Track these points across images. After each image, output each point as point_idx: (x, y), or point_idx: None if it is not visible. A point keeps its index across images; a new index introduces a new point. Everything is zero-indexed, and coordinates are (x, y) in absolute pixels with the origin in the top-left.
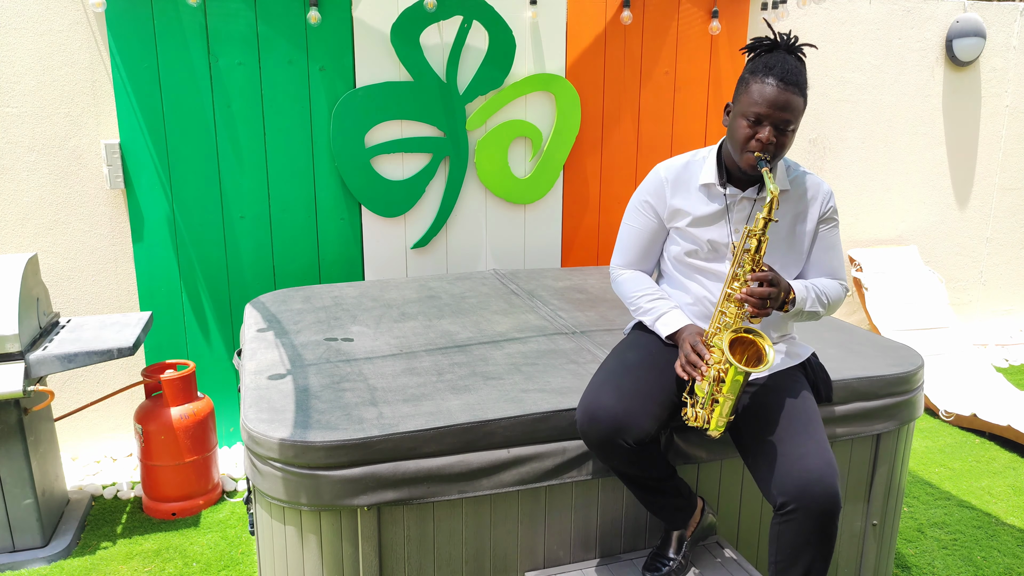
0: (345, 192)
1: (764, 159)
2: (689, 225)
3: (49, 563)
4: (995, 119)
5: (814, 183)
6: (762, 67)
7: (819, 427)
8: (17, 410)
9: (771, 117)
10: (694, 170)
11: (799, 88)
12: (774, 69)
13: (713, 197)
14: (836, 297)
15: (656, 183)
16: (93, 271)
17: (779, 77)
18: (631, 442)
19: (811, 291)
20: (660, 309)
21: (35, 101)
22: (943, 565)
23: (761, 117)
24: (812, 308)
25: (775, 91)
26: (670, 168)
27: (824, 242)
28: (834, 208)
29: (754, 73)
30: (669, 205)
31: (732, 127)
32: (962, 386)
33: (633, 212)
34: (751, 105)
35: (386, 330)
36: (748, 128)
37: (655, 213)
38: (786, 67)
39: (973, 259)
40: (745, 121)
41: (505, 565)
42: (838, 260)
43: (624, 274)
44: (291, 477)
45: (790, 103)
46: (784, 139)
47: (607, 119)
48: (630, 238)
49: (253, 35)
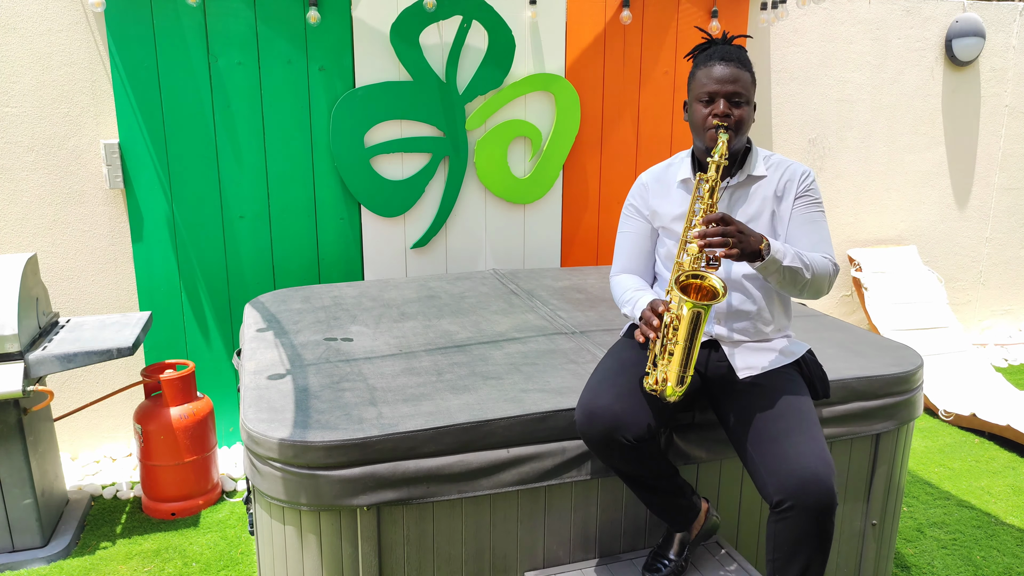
0: (344, 192)
1: (722, 125)
2: (671, 222)
3: (48, 563)
4: (995, 119)
5: (792, 167)
6: (703, 57)
7: (815, 425)
8: (16, 410)
9: (720, 92)
10: (673, 170)
11: (742, 63)
12: (714, 54)
13: (691, 192)
14: (820, 264)
15: (639, 188)
16: (93, 271)
17: (720, 57)
18: (630, 439)
19: (788, 248)
20: (637, 297)
21: (34, 101)
22: (943, 565)
23: (712, 95)
24: (792, 263)
25: (719, 68)
26: (651, 172)
27: (803, 217)
28: (812, 187)
29: (697, 64)
30: (652, 206)
31: (691, 116)
32: (961, 386)
33: (624, 219)
34: (700, 87)
35: (386, 330)
36: (703, 108)
37: (641, 216)
38: (725, 49)
39: (973, 259)
40: (699, 104)
41: (505, 565)
42: (822, 236)
43: (616, 278)
44: (291, 477)
45: (737, 76)
46: (741, 112)
47: (607, 119)
48: (624, 244)
49: (252, 35)
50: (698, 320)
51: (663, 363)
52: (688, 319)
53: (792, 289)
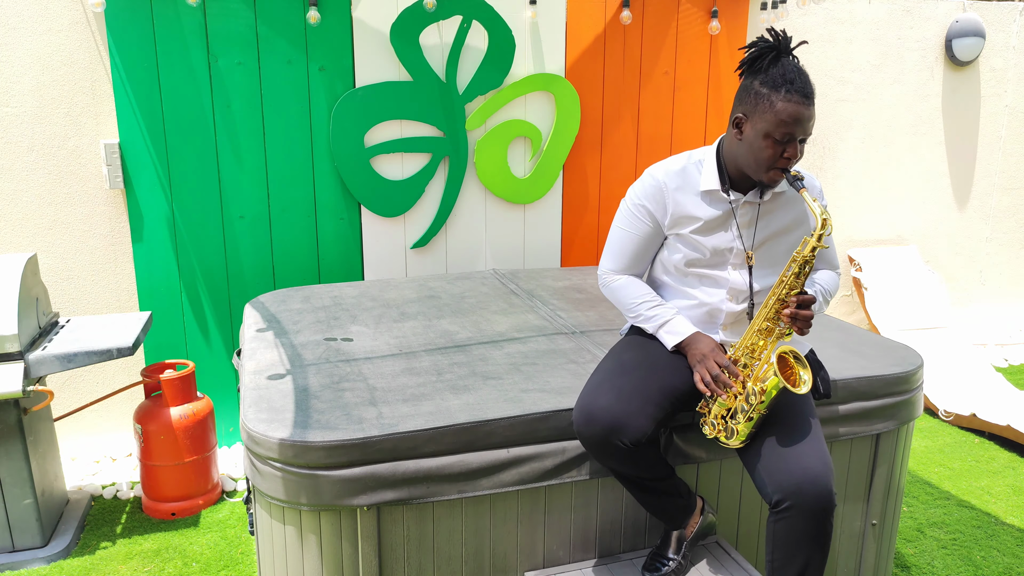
0: (344, 192)
1: (799, 178)
2: (694, 232)
3: (48, 563)
4: (995, 119)
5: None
6: (781, 81)
7: (815, 425)
8: (17, 410)
9: (797, 135)
10: (692, 175)
11: (813, 99)
12: (795, 84)
13: (715, 202)
14: (834, 288)
15: (655, 188)
16: (93, 271)
17: (802, 93)
18: (628, 442)
19: (819, 295)
20: (663, 316)
21: (35, 101)
22: (943, 565)
23: (790, 136)
24: (819, 310)
25: (802, 108)
26: (669, 173)
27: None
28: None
29: (775, 89)
30: (672, 212)
31: (754, 145)
32: (962, 386)
33: (628, 216)
34: (780, 125)
35: (386, 330)
36: (775, 147)
37: (653, 219)
38: (802, 79)
39: (973, 259)
40: (770, 140)
41: (505, 565)
42: (832, 249)
43: (619, 280)
44: (291, 477)
45: (813, 116)
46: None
47: (607, 119)
48: (624, 242)
49: (252, 35)
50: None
51: (734, 422)
52: (771, 393)
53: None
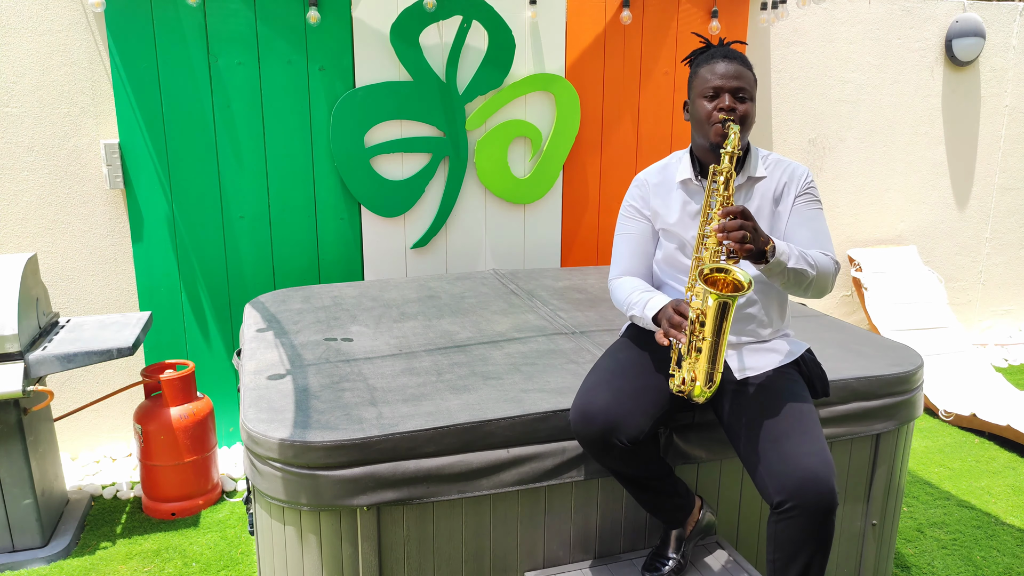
0: (344, 192)
1: (729, 118)
2: (673, 224)
3: (48, 563)
4: (995, 119)
5: (790, 167)
6: (705, 57)
7: (815, 425)
8: (17, 410)
9: (725, 87)
10: (671, 171)
11: (743, 61)
12: (716, 52)
13: (692, 193)
14: (823, 262)
15: (638, 187)
16: (93, 271)
17: (722, 55)
18: (625, 441)
19: (793, 248)
20: (646, 298)
21: (35, 101)
22: (943, 565)
23: (717, 89)
24: (797, 265)
25: (723, 64)
26: (649, 172)
27: (802, 215)
28: (811, 185)
29: (699, 63)
30: (654, 207)
31: (694, 112)
32: (962, 386)
33: (623, 220)
34: (704, 84)
35: (386, 330)
36: (708, 103)
37: (642, 216)
38: (725, 49)
39: (973, 259)
40: (703, 99)
41: (505, 565)
42: (822, 233)
43: (617, 280)
44: (291, 477)
45: (741, 72)
46: (745, 108)
47: (607, 119)
48: (624, 246)
49: (252, 35)
50: (725, 311)
51: (690, 361)
52: (715, 311)
53: (796, 289)
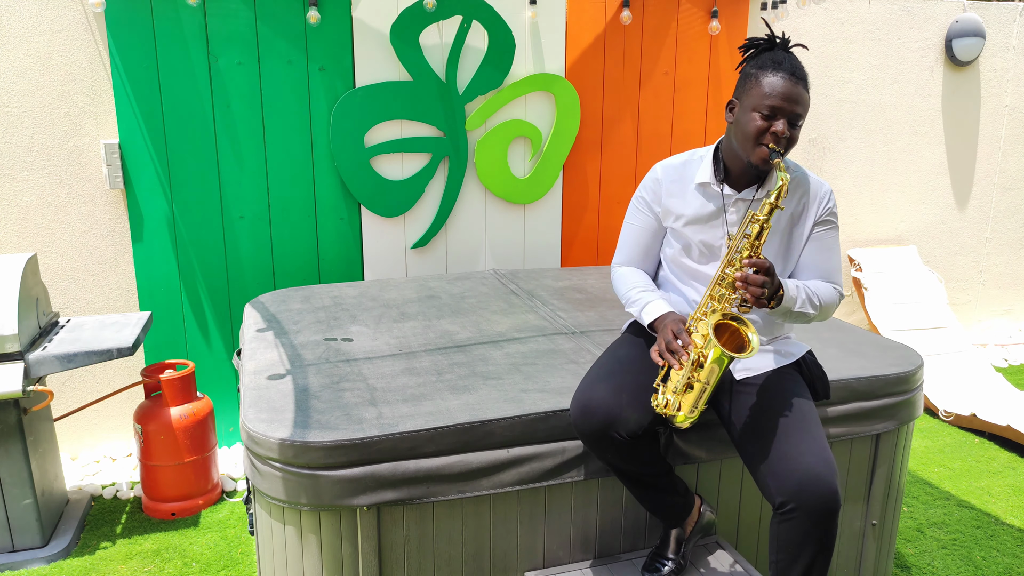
0: (344, 192)
1: (779, 151)
2: (684, 225)
3: (48, 563)
4: (995, 119)
5: (815, 183)
6: (770, 63)
7: (817, 426)
8: (17, 410)
9: (784, 110)
10: (691, 169)
11: (806, 84)
12: (783, 64)
13: (709, 197)
14: (829, 300)
15: (652, 181)
16: (93, 271)
17: (790, 72)
18: (624, 435)
19: (802, 291)
20: (645, 299)
21: (34, 101)
22: (943, 565)
23: (775, 110)
24: (801, 309)
25: (788, 84)
26: (667, 167)
27: (819, 243)
28: (833, 210)
29: (763, 68)
30: (665, 204)
31: (742, 121)
32: (961, 386)
33: (632, 210)
34: (764, 98)
35: (386, 330)
36: (761, 121)
37: (651, 211)
38: (794, 63)
39: (973, 259)
40: (758, 115)
41: (505, 565)
42: (834, 263)
43: (620, 269)
44: (291, 477)
45: (801, 97)
46: (795, 133)
47: (607, 119)
48: (630, 236)
49: (252, 35)
50: (724, 367)
51: (678, 393)
52: (714, 363)
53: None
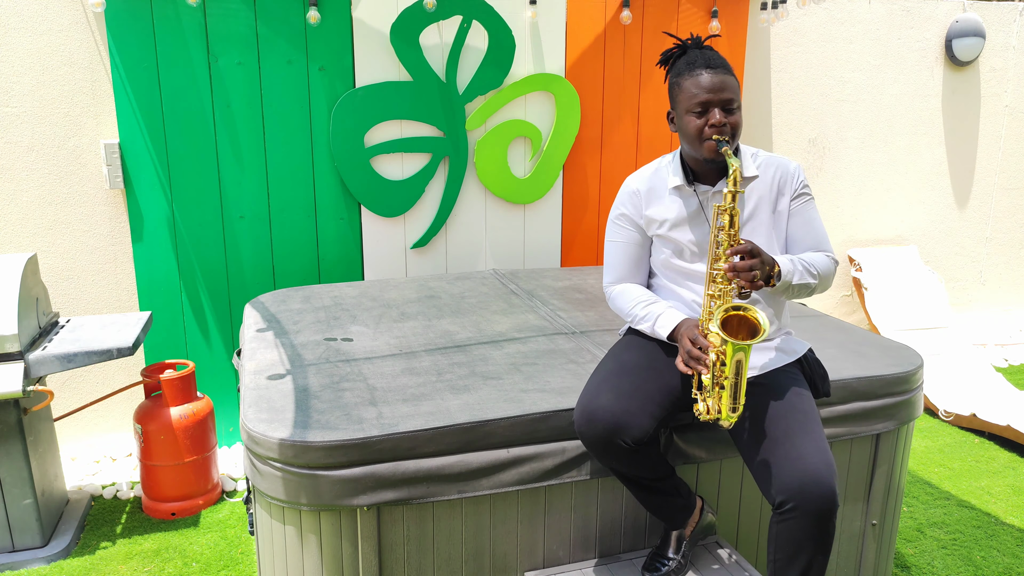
0: (344, 192)
1: (723, 140)
2: (669, 230)
3: (48, 563)
4: (995, 119)
5: (781, 164)
6: (686, 65)
7: (817, 425)
8: (17, 410)
9: (713, 101)
10: (662, 176)
11: (726, 68)
12: (697, 62)
13: (686, 198)
14: (825, 268)
15: (628, 195)
16: (93, 271)
17: (705, 65)
18: (629, 442)
19: (797, 264)
20: (655, 312)
21: (34, 101)
22: (943, 565)
23: (705, 104)
24: (801, 280)
25: (708, 76)
26: (639, 178)
27: (801, 216)
28: (805, 182)
29: (681, 73)
30: (647, 214)
31: (682, 127)
32: (962, 386)
33: (613, 228)
34: (692, 98)
35: (386, 330)
36: (698, 120)
37: (634, 224)
38: (707, 55)
39: (973, 259)
40: (692, 115)
41: (505, 565)
42: (821, 232)
43: (616, 289)
44: (291, 477)
45: (725, 83)
46: (734, 118)
47: (607, 119)
48: (616, 254)
49: (252, 35)
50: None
51: (713, 396)
52: (735, 357)
53: (799, 297)
